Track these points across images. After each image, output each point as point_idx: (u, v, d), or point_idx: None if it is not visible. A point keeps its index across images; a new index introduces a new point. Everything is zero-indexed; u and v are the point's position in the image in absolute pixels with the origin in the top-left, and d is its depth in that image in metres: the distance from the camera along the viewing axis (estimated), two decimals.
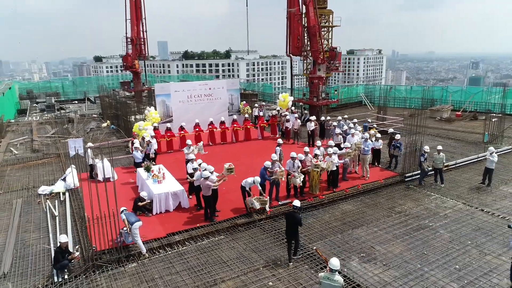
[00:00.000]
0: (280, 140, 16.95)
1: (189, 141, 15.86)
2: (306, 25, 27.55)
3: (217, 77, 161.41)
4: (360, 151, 15.61)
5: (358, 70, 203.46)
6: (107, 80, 70.12)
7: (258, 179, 12.21)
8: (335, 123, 20.05)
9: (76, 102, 47.12)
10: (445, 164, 15.66)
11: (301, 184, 13.30)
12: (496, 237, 11.28)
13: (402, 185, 15.64)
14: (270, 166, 12.62)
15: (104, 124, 28.64)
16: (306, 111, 27.90)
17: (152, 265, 10.02)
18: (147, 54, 40.47)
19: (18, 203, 14.03)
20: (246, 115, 23.33)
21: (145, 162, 15.01)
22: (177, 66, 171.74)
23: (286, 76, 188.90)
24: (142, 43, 39.36)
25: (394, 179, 15.90)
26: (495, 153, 15.07)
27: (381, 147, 17.16)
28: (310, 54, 28.03)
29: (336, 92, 30.51)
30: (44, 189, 14.88)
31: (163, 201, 12.47)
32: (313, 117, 21.38)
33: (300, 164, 13.46)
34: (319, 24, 26.94)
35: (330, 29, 45.08)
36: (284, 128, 22.06)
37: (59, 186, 14.96)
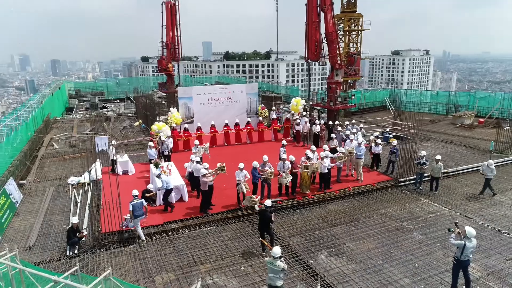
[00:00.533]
0: (284, 142, 18.18)
1: (196, 142, 17.61)
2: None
3: (257, 77, 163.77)
4: (354, 156, 16.49)
5: (402, 72, 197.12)
6: (151, 80, 74.03)
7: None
8: (339, 128, 20.89)
9: (118, 101, 50.83)
10: (443, 172, 15.95)
11: (287, 184, 14.51)
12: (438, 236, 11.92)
13: (395, 189, 16.34)
14: (258, 166, 13.94)
15: (136, 123, 31.21)
16: (323, 115, 28.82)
17: (147, 247, 11.76)
18: (180, 58, 43.02)
19: (50, 190, 16.44)
20: (260, 118, 24.73)
21: (153, 160, 16.91)
22: (218, 67, 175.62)
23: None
24: (176, 47, 41.93)
25: (388, 183, 16.62)
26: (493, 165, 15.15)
27: (380, 152, 17.89)
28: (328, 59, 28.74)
29: (353, 97, 31.01)
30: (72, 180, 17.22)
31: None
32: (322, 121, 22.35)
33: (290, 166, 14.68)
34: (336, 31, 27.61)
35: (359, 32, 45.41)
36: (295, 131, 23.22)
37: (85, 178, 17.23)
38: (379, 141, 17.79)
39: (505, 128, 20.96)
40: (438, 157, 15.60)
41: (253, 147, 22.96)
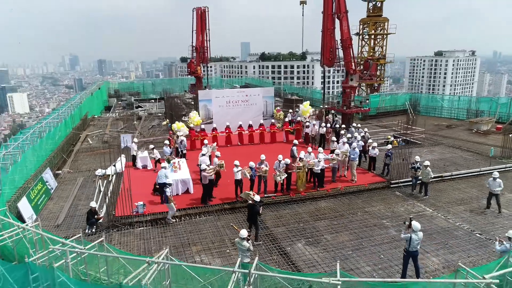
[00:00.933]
0: (296, 141, 19.79)
1: (206, 141, 19.55)
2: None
3: (292, 79, 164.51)
4: (349, 158, 17.73)
5: (445, 74, 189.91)
6: (186, 81, 77.31)
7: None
8: (342, 131, 22.05)
9: (152, 101, 54.17)
10: (432, 176, 16.76)
11: (281, 181, 16.06)
12: (436, 238, 12.92)
13: (386, 191, 17.41)
14: (254, 166, 15.59)
15: (164, 123, 33.80)
16: (337, 118, 29.90)
17: (152, 230, 13.80)
18: (209, 61, 45.43)
19: (80, 180, 19.03)
20: (273, 120, 26.33)
21: (165, 156, 19.04)
22: (254, 68, 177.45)
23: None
24: (206, 50, 44.37)
25: (380, 185, 17.71)
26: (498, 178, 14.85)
27: (377, 155, 18.95)
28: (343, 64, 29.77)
29: (367, 101, 31.75)
30: (99, 171, 19.71)
31: (174, 186, 16.24)
32: (328, 124, 23.61)
33: (284, 165, 16.22)
34: (351, 37, 28.57)
35: (385, 36, 45.75)
36: (304, 133, 24.62)
37: (110, 170, 19.68)
38: (375, 144, 18.86)
39: (510, 135, 21.15)
40: (427, 163, 16.48)
41: (265, 147, 24.53)
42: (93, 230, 13.57)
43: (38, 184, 16.10)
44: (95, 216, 13.64)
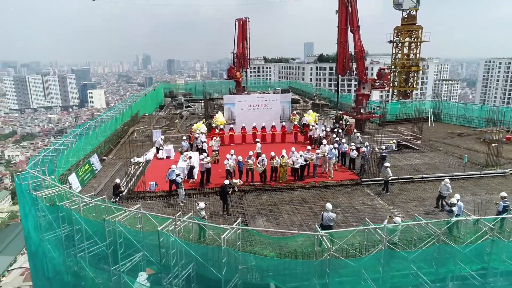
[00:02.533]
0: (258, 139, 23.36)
1: (215, 138, 24.02)
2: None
3: (349, 80, 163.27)
4: (327, 157, 21.01)
5: (498, 79, 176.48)
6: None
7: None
8: (334, 135, 25.14)
9: (202, 101, 60.07)
10: (391, 176, 19.35)
11: (260, 172, 19.86)
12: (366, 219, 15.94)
13: (357, 186, 20.40)
14: (242, 160, 19.62)
15: (201, 122, 38.90)
16: (348, 123, 32.68)
17: (158, 202, 18.50)
18: (248, 67, 50.01)
19: (119, 164, 24.49)
20: (283, 123, 30.00)
21: (181, 149, 23.76)
22: (311, 69, 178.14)
23: (426, 81, 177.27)
24: (246, 57, 49.04)
25: (353, 182, 20.74)
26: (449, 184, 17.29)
27: (355, 156, 21.93)
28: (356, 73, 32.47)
29: (378, 108, 33.89)
30: (134, 159, 25.01)
31: (181, 172, 20.84)
32: (328, 128, 26.80)
33: (266, 161, 20.02)
34: (363, 49, 31.16)
35: (418, 44, 46.81)
36: (309, 135, 28.00)
37: (141, 158, 24.93)
38: (353, 147, 21.86)
39: (492, 145, 22.68)
40: (387, 164, 19.25)
41: (275, 146, 28.32)
42: (117, 199, 18.59)
43: (85, 165, 21.68)
44: (118, 189, 18.67)
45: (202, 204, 14.16)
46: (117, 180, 18.92)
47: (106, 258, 12.15)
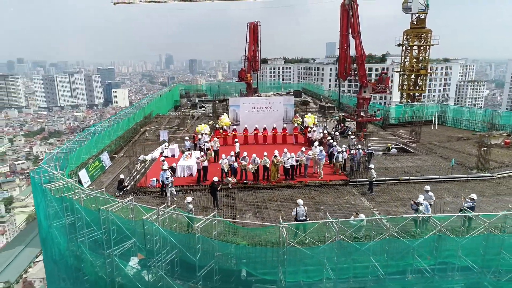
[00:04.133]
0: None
1: (215, 138, 25.63)
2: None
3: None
4: (317, 158, 22.23)
5: None
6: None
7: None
8: (329, 137, 26.27)
9: (217, 102, 61.97)
10: (375, 177, 20.37)
11: (252, 172, 21.28)
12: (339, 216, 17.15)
13: (344, 187, 21.54)
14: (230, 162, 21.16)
15: (210, 122, 40.65)
16: (348, 126, 33.66)
17: (157, 197, 20.22)
18: (259, 69, 51.49)
19: (127, 161, 26.42)
20: (284, 125, 31.31)
21: (183, 148, 25.45)
22: (330, 70, 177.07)
23: (449, 83, 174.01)
24: (257, 60, 50.57)
25: (341, 182, 21.89)
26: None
27: (345, 158, 23.05)
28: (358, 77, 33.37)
29: (378, 111, 34.63)
30: (141, 157, 26.93)
31: (181, 169, 22.55)
32: (326, 131, 27.95)
33: (258, 161, 21.45)
34: (364, 54, 32.05)
35: (427, 48, 47.16)
36: (307, 137, 29.22)
37: (148, 156, 26.80)
38: (343, 149, 22.98)
39: (482, 149, 23.32)
40: (371, 166, 20.33)
41: (276, 147, 29.63)
42: (121, 193, 20.44)
43: (96, 162, 23.70)
44: (123, 184, 20.53)
45: (189, 198, 15.75)
46: (122, 176, 20.79)
47: (102, 243, 13.90)
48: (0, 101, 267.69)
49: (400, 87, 48.71)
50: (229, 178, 21.04)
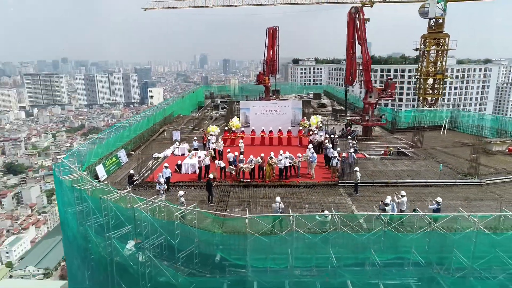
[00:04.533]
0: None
1: (219, 140, 27.82)
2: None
3: (402, 83, 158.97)
4: (309, 160, 23.87)
5: None
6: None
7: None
8: (326, 141, 27.75)
9: (237, 103, 64.33)
10: (359, 179, 21.71)
11: (249, 171, 23.24)
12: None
13: (333, 187, 23.03)
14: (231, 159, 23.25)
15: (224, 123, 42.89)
16: (354, 129, 34.84)
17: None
18: (277, 72, 53.33)
19: (142, 158, 29.20)
20: (289, 128, 33.00)
21: (188, 148, 27.81)
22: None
23: (488, 85, 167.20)
24: (275, 64, 52.49)
25: (331, 183, 23.40)
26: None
27: (338, 162, 24.49)
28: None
29: (383, 116, 35.41)
30: (155, 155, 29.61)
31: (186, 167, 24.92)
32: (326, 135, 29.43)
33: (254, 161, 23.39)
34: (369, 61, 33.10)
35: (444, 52, 47.16)
36: (310, 139, 30.79)
37: (161, 154, 29.44)
38: (335, 154, 24.44)
39: (473, 155, 23.99)
40: (356, 168, 21.72)
41: (280, 148, 31.38)
42: (130, 186, 23.06)
43: (112, 158, 26.57)
44: (132, 179, 23.15)
45: (181, 192, 18.00)
46: (132, 172, 23.40)
47: (103, 227, 16.42)
48: (45, 98, 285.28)
49: (416, 92, 48.83)
50: (231, 167, 23.17)
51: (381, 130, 38.75)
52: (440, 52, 46.88)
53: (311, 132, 30.82)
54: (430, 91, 47.60)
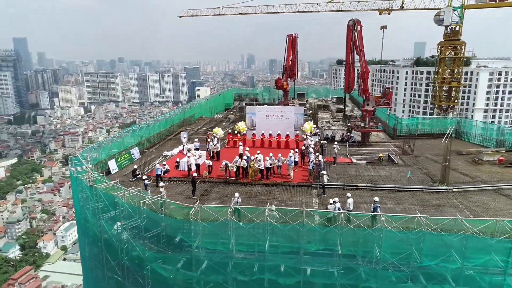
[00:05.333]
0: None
1: (216, 141, 31.26)
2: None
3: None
4: (286, 163, 26.56)
5: None
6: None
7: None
8: (311, 146, 30.11)
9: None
10: (325, 181, 24.04)
11: (234, 170, 26.38)
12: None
13: (306, 188, 25.50)
14: (226, 163, 26.58)
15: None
16: (352, 135, 36.66)
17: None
18: (296, 77, 55.79)
19: (153, 156, 33.39)
20: (288, 132, 35.60)
21: (188, 147, 31.47)
22: (406, 73, 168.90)
23: (510, 90, 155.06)
24: (294, 69, 55.05)
25: (305, 184, 25.90)
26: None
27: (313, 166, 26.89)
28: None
29: (380, 123, 36.67)
30: (165, 153, 33.69)
31: (182, 164, 28.60)
32: (317, 140, 31.73)
33: (239, 162, 26.51)
34: (367, 70, 34.77)
35: (461, 60, 47.17)
36: (302, 144, 33.29)
37: (170, 152, 33.46)
38: (312, 158, 26.86)
39: (443, 164, 25.26)
40: (324, 172, 24.07)
41: (278, 150, 34.18)
42: (134, 179, 27.16)
43: (125, 154, 30.97)
44: (136, 172, 27.27)
45: (161, 183, 21.65)
46: (135, 167, 27.54)
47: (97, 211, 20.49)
48: (102, 95, 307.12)
49: (432, 99, 48.96)
50: (205, 172, 26.60)
51: (384, 136, 40.08)
52: (455, 59, 46.77)
53: (304, 137, 33.29)
54: (445, 99, 47.61)
